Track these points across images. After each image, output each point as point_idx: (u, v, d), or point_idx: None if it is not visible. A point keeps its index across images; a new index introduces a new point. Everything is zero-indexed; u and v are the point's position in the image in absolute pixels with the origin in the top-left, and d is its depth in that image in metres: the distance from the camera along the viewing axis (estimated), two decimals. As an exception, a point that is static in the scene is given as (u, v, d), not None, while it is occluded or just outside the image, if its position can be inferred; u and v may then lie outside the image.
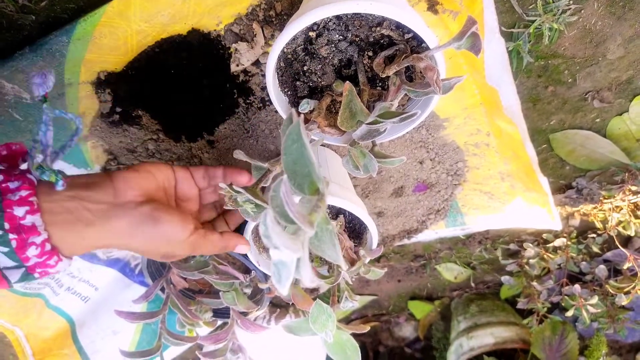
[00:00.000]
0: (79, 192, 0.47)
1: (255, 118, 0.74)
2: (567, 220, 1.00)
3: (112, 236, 0.48)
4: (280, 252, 0.32)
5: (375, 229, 0.62)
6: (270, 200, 0.36)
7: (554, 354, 1.09)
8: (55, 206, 0.45)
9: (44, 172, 0.45)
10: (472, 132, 0.80)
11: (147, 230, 0.49)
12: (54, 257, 0.45)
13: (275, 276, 0.34)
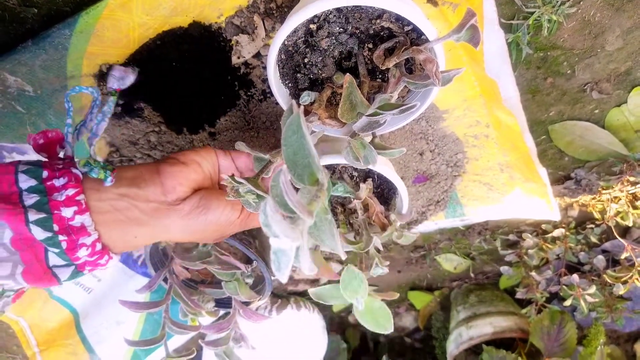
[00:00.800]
0: (127, 189, 0.46)
1: (256, 110, 0.75)
2: (566, 211, 1.01)
3: (164, 233, 0.48)
4: (280, 241, 0.33)
5: (405, 191, 0.62)
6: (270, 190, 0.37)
7: (552, 343, 1.10)
8: (104, 205, 0.44)
9: (93, 169, 0.44)
10: (471, 124, 0.81)
11: (199, 221, 0.49)
12: (105, 256, 0.45)
13: (275, 264, 0.35)
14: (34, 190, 0.41)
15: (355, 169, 0.65)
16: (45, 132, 0.47)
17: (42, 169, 0.43)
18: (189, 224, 0.48)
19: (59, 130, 0.48)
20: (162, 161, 0.51)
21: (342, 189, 0.58)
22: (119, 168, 0.48)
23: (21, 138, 0.77)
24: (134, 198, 0.46)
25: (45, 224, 0.41)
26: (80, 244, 0.42)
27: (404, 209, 0.62)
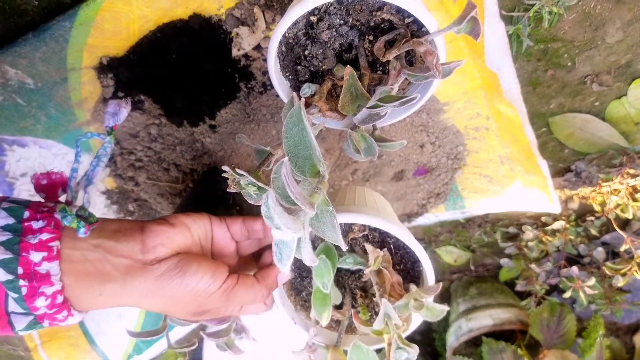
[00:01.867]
0: (105, 241, 0.43)
1: (256, 102, 0.75)
2: (566, 204, 1.01)
3: (132, 296, 0.43)
4: (282, 232, 0.33)
5: (426, 258, 0.53)
6: (272, 182, 0.37)
7: (551, 335, 1.11)
8: (77, 254, 0.41)
9: (66, 216, 0.41)
10: (472, 116, 0.81)
11: (173, 285, 0.43)
12: (63, 311, 0.41)
13: (277, 255, 0.35)
14: (9, 228, 0.40)
15: (367, 237, 0.56)
16: (49, 173, 0.46)
17: (25, 209, 0.42)
18: (161, 286, 0.43)
19: (64, 174, 0.46)
20: (150, 220, 0.48)
21: (352, 260, 0.52)
22: (103, 220, 0.45)
23: (22, 131, 0.77)
24: (109, 251, 0.43)
25: (9, 265, 0.39)
26: (40, 293, 0.39)
27: (430, 280, 0.53)
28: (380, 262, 0.50)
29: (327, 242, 0.48)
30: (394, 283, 0.51)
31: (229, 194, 0.78)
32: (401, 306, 0.48)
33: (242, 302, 0.48)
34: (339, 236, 0.38)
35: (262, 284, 0.49)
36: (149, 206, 0.92)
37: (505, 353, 1.05)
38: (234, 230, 0.53)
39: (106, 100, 0.74)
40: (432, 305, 0.49)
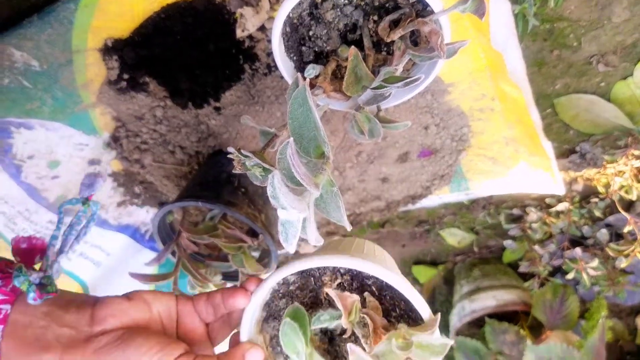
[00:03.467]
0: (54, 310, 0.40)
1: (261, 84, 0.75)
2: (570, 185, 1.01)
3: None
4: (287, 212, 0.33)
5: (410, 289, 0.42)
6: (277, 163, 0.37)
7: (554, 316, 1.12)
8: (25, 319, 0.39)
9: (19, 276, 0.39)
10: (477, 97, 0.81)
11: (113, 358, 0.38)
12: None
13: (283, 235, 0.36)
14: None
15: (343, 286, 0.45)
16: (30, 237, 0.44)
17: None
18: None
19: (45, 241, 0.44)
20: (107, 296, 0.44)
21: (327, 316, 0.43)
22: (62, 291, 0.42)
23: (28, 113, 0.77)
24: (55, 320, 0.39)
25: None
26: None
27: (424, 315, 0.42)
28: (358, 309, 0.41)
29: (294, 304, 0.42)
30: (377, 327, 0.41)
31: (234, 176, 0.79)
32: (384, 352, 0.38)
33: None
34: (343, 216, 0.38)
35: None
36: (155, 188, 0.93)
37: (508, 333, 1.06)
38: (200, 309, 0.46)
39: (111, 82, 0.74)
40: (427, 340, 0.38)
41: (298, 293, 0.46)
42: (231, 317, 0.47)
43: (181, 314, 0.46)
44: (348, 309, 0.40)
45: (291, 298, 0.46)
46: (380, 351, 0.38)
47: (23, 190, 0.86)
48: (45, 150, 0.83)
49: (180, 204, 0.73)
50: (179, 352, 0.40)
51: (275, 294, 0.46)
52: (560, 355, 0.95)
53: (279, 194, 0.31)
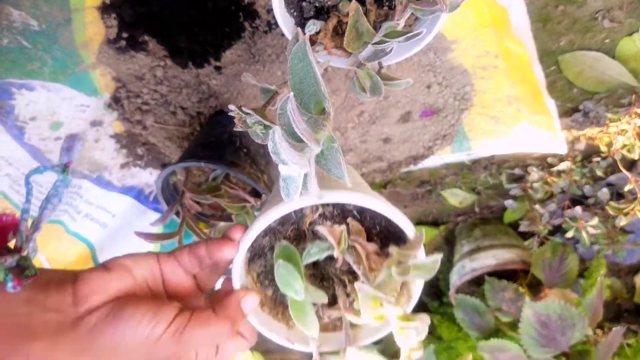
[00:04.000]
0: (35, 294, 0.38)
1: (261, 42, 0.74)
2: (573, 144, 1.01)
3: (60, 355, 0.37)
4: (289, 168, 0.33)
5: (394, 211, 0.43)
6: (278, 118, 0.37)
7: (553, 275, 1.13)
8: (5, 308, 0.37)
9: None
10: (480, 54, 0.80)
11: (108, 338, 0.37)
12: None
13: (284, 190, 0.36)
14: None
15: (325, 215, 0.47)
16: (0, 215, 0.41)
17: None
18: (94, 342, 0.37)
19: (16, 217, 0.41)
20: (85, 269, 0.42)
21: (316, 248, 0.44)
22: (43, 270, 0.40)
23: (29, 74, 0.77)
24: (37, 305, 0.37)
25: None
26: None
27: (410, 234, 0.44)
28: (346, 239, 0.43)
29: (282, 242, 0.43)
30: (369, 255, 0.43)
31: (236, 137, 0.79)
32: (385, 280, 0.40)
33: (200, 344, 0.40)
34: (344, 172, 0.38)
35: (221, 316, 0.41)
36: (158, 150, 0.93)
37: (507, 291, 1.08)
38: (184, 263, 0.45)
39: (110, 41, 0.73)
40: (421, 261, 0.41)
41: (280, 228, 0.46)
42: (218, 265, 0.46)
43: (165, 272, 0.44)
44: (337, 239, 0.42)
45: (274, 234, 0.46)
46: (380, 279, 0.40)
47: (26, 152, 0.86)
48: (47, 111, 0.83)
49: (183, 165, 0.73)
50: (174, 313, 0.39)
51: (257, 235, 0.46)
52: (558, 311, 0.97)
53: (280, 149, 0.32)
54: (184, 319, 0.39)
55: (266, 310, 0.48)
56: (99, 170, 0.95)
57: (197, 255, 0.45)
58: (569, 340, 0.99)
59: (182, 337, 0.38)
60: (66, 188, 0.43)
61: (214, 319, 0.41)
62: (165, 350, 0.38)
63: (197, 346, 0.40)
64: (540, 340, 0.98)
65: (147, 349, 0.37)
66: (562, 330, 0.98)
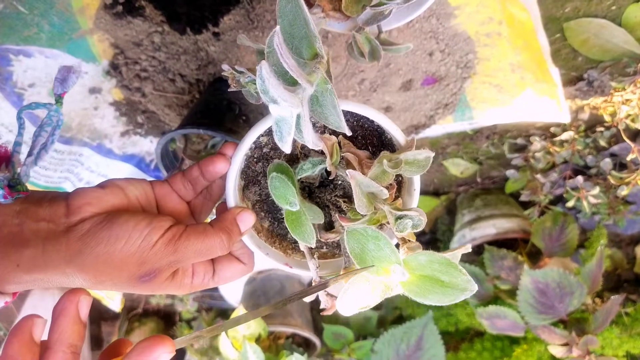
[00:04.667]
0: (28, 207, 0.38)
1: (260, 8, 0.73)
2: (576, 114, 1.00)
3: (53, 263, 0.36)
4: (280, 107, 0.31)
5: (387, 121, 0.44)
6: (266, 57, 0.35)
7: (553, 244, 1.14)
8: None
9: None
10: (483, 21, 0.78)
11: (100, 241, 0.36)
12: None
13: (277, 134, 0.33)
14: None
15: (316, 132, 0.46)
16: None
17: None
18: (86, 245, 0.36)
19: (8, 149, 0.41)
20: None
21: (309, 164, 0.44)
22: (34, 191, 0.40)
23: (26, 40, 0.76)
24: (29, 216, 0.37)
25: None
26: None
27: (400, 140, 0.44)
28: (338, 150, 0.42)
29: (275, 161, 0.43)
30: (362, 160, 0.42)
31: (235, 104, 0.78)
32: (377, 174, 0.40)
33: (197, 253, 0.39)
34: (340, 117, 0.36)
35: (216, 228, 0.41)
36: (158, 118, 0.93)
37: (507, 259, 1.09)
38: (178, 187, 0.45)
39: (107, 7, 0.72)
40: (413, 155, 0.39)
41: (272, 154, 0.46)
42: (211, 190, 0.46)
43: (159, 196, 0.44)
44: (330, 150, 0.41)
45: (266, 160, 0.46)
46: (373, 174, 0.39)
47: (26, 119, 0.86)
48: (45, 78, 0.82)
49: (182, 132, 0.73)
50: (169, 224, 0.38)
51: (250, 160, 0.46)
52: (557, 279, 0.98)
53: (269, 86, 0.29)
54: (180, 229, 0.39)
55: (263, 239, 0.49)
56: (99, 139, 0.95)
57: (190, 177, 0.45)
58: (567, 308, 1.00)
59: (177, 246, 0.38)
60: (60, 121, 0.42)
61: (210, 230, 0.40)
62: (160, 260, 0.37)
63: (193, 258, 0.39)
64: (538, 308, 1.00)
65: (141, 256, 0.37)
66: (560, 297, 0.99)
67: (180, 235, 0.38)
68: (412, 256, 0.35)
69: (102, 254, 0.36)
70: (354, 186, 0.38)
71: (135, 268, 0.37)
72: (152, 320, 1.67)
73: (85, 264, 0.36)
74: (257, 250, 0.47)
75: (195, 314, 1.64)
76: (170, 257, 0.37)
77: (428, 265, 0.34)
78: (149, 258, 0.37)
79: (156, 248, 0.37)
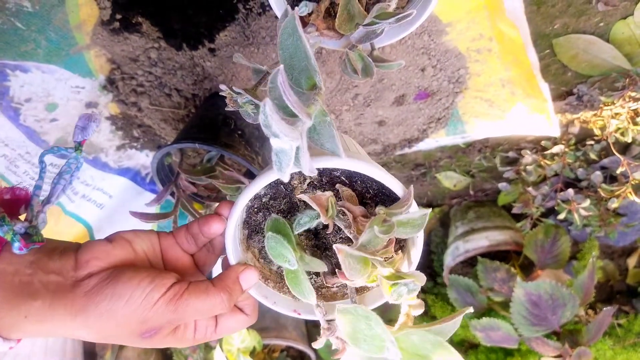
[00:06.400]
0: (40, 258, 0.39)
1: (255, 25, 0.74)
2: (567, 128, 1.01)
3: (59, 317, 0.37)
4: (280, 141, 0.32)
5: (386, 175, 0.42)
6: (269, 92, 0.37)
7: (545, 256, 1.15)
8: (10, 268, 0.38)
9: (2, 225, 0.38)
10: (474, 37, 0.80)
11: (104, 298, 0.37)
12: None
13: (277, 164, 0.35)
14: None
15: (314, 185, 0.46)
16: (14, 189, 0.42)
17: None
18: (91, 301, 0.37)
19: (29, 191, 0.42)
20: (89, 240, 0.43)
21: (307, 217, 0.44)
22: (48, 240, 0.42)
23: (23, 56, 0.77)
24: (41, 267, 0.39)
25: None
26: None
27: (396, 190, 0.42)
28: (333, 204, 0.42)
29: (271, 216, 0.44)
30: (356, 217, 0.42)
31: (231, 119, 0.79)
32: (371, 240, 0.39)
33: (197, 312, 0.40)
34: (338, 145, 0.38)
35: (218, 287, 0.42)
36: (153, 132, 0.94)
37: (499, 272, 1.10)
38: (181, 241, 0.46)
39: (104, 23, 0.73)
40: (406, 217, 0.39)
41: (272, 203, 0.47)
42: (213, 244, 0.47)
43: (164, 248, 0.45)
44: (324, 206, 0.41)
45: (267, 209, 0.47)
46: (365, 240, 0.39)
47: (22, 133, 0.87)
48: (42, 93, 0.83)
49: (178, 146, 0.74)
50: (172, 281, 0.40)
51: (250, 210, 0.47)
52: (549, 291, 0.99)
53: (271, 121, 0.31)
54: (182, 288, 0.40)
55: (271, 285, 0.49)
56: (95, 152, 0.95)
57: (191, 232, 0.46)
58: (560, 320, 1.01)
59: (178, 305, 0.39)
60: (79, 165, 0.44)
61: (212, 289, 0.41)
62: (161, 317, 0.38)
63: (194, 316, 0.40)
64: (531, 319, 1.00)
65: (143, 313, 0.38)
66: (553, 309, 1.00)
67: (182, 294, 0.39)
68: (404, 335, 0.35)
69: (105, 311, 0.37)
70: (341, 260, 0.38)
71: (137, 325, 0.38)
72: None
73: (89, 320, 0.37)
74: (264, 300, 0.47)
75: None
76: (170, 315, 0.39)
77: (420, 344, 0.34)
78: (150, 316, 0.38)
79: (157, 306, 0.38)
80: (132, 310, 0.38)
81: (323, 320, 0.44)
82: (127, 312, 0.37)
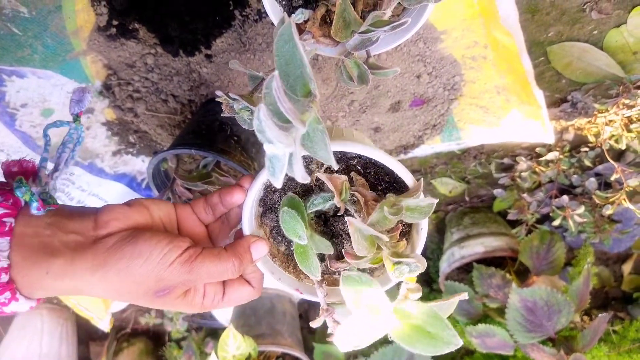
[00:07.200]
0: (58, 219, 0.41)
1: (252, 31, 0.74)
2: (561, 135, 1.02)
3: (79, 273, 0.39)
4: (274, 146, 0.33)
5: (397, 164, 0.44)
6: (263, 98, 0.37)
7: (540, 262, 1.15)
8: (29, 230, 0.39)
9: (20, 187, 0.40)
10: (469, 45, 0.80)
11: (124, 255, 0.39)
12: (6, 292, 0.38)
13: (270, 170, 0.36)
14: None
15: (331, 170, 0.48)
16: (21, 161, 0.44)
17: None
18: (111, 257, 0.39)
19: (36, 163, 0.44)
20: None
21: (321, 199, 0.46)
22: (64, 205, 0.43)
23: (20, 61, 0.77)
24: (60, 228, 0.40)
25: None
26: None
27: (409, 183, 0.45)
28: (347, 188, 0.44)
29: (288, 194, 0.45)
30: (368, 201, 0.44)
31: (227, 125, 0.79)
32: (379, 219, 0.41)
33: (209, 275, 0.42)
34: (330, 154, 0.38)
35: (230, 253, 0.44)
36: (150, 137, 0.94)
37: (495, 278, 1.10)
38: (199, 210, 0.48)
39: (101, 29, 0.73)
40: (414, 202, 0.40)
41: (289, 184, 0.48)
42: (229, 216, 0.49)
43: (180, 217, 0.48)
44: (338, 188, 0.43)
45: (283, 190, 0.49)
46: (374, 219, 0.41)
47: (18, 138, 0.87)
48: (38, 98, 0.83)
49: (174, 152, 0.74)
50: (187, 244, 0.42)
51: (268, 189, 0.49)
52: (545, 297, 0.99)
53: (265, 127, 0.31)
54: (196, 251, 0.42)
55: (277, 263, 0.51)
56: (91, 158, 0.95)
57: (211, 202, 0.48)
58: (555, 326, 1.01)
59: (192, 266, 0.41)
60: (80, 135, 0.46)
61: (224, 254, 0.43)
62: (176, 277, 0.40)
63: (206, 279, 0.42)
64: (526, 326, 1.00)
65: (160, 272, 0.40)
66: (549, 315, 1.00)
67: (197, 257, 0.42)
68: (403, 305, 0.37)
69: (124, 267, 0.39)
70: (352, 232, 0.40)
71: (153, 283, 0.40)
72: (140, 340, 1.65)
73: (108, 275, 0.39)
74: (270, 275, 0.49)
75: (185, 334, 1.62)
76: (185, 275, 0.41)
77: (418, 315, 0.36)
78: (165, 275, 0.40)
79: (173, 266, 0.40)
80: (150, 269, 0.40)
81: (323, 301, 0.45)
82: (145, 270, 0.39)
